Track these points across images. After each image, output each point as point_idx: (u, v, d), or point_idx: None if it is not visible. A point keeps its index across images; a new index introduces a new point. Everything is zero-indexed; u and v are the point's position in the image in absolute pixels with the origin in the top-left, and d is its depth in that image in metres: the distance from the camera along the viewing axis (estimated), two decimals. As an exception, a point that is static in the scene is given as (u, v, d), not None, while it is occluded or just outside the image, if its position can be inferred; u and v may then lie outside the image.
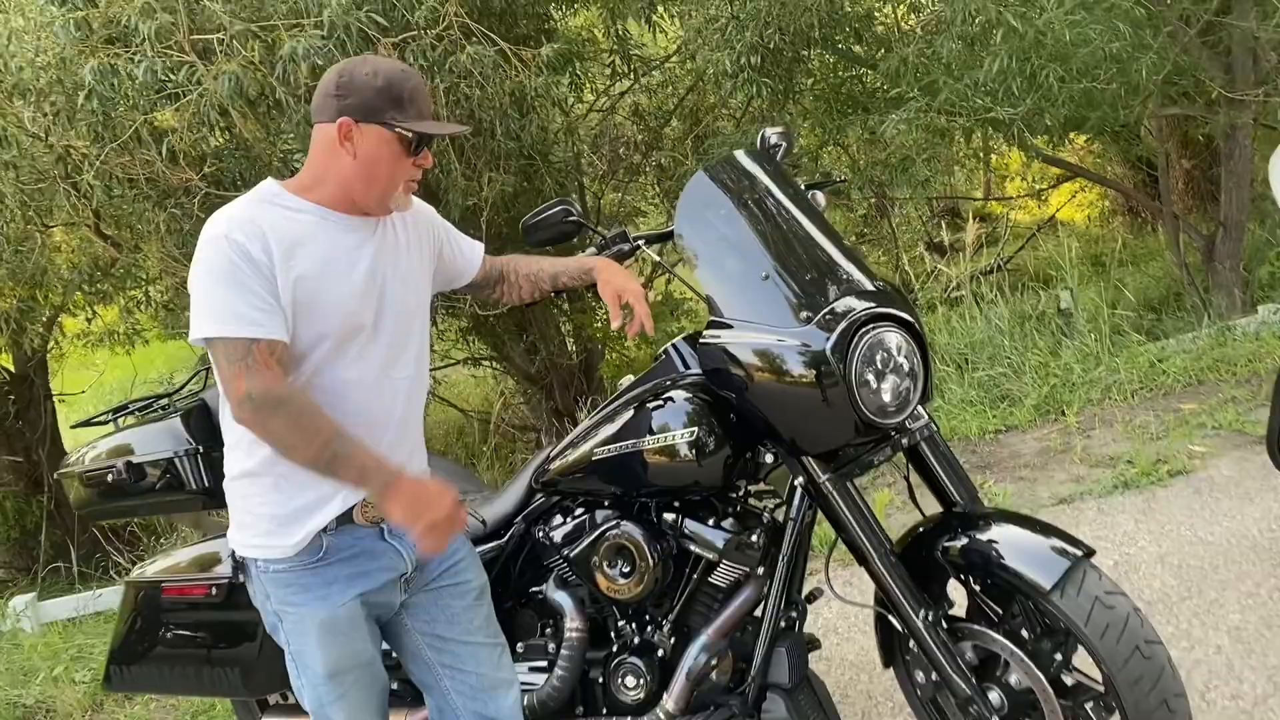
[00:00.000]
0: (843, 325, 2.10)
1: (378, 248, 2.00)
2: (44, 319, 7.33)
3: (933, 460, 2.34)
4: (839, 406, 2.11)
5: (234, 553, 2.04)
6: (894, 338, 2.15)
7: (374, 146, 1.92)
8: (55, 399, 8.37)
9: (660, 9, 6.67)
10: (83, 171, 4.11)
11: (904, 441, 2.28)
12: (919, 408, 2.27)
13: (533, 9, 6.51)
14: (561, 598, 2.49)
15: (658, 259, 2.56)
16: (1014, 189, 12.39)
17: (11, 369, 8.06)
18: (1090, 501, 3.98)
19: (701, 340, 2.25)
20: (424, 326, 2.13)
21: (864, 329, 2.12)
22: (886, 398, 2.14)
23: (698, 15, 6.33)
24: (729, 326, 2.22)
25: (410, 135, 1.91)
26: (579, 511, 2.49)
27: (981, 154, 8.63)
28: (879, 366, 2.13)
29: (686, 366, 2.38)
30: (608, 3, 6.75)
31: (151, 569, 2.77)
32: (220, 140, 4.36)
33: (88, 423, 2.88)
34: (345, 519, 1.97)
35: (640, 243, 2.45)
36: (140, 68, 3.71)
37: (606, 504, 2.45)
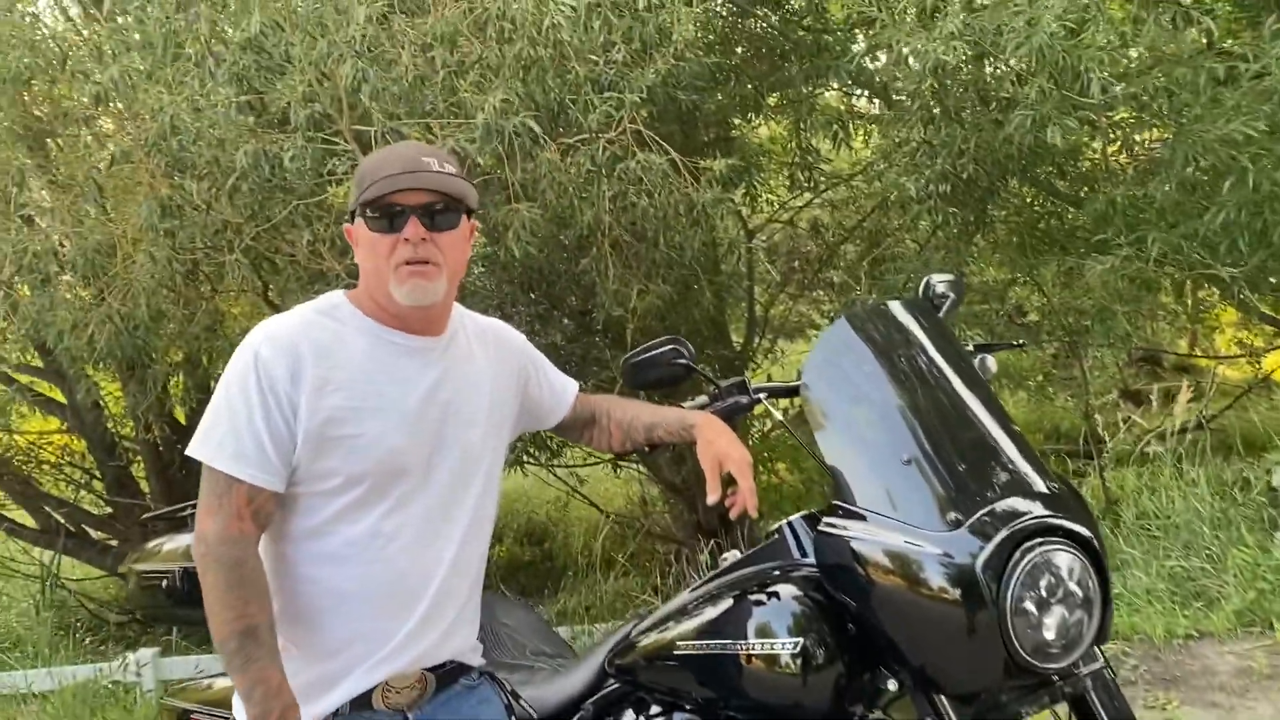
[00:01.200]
0: (1001, 535, 1.68)
1: (441, 376, 1.72)
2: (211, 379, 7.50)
3: (1104, 715, 1.84)
4: (987, 639, 1.67)
5: None
6: (1066, 558, 1.71)
7: (358, 240, 1.70)
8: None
9: (849, 126, 6.41)
10: (233, 249, 4.07)
11: (1068, 689, 1.80)
12: (1093, 648, 1.80)
13: (716, 117, 6.35)
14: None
15: (780, 417, 2.19)
16: (1224, 343, 11.36)
17: (184, 422, 8.28)
18: (1303, 748, 3.28)
19: (820, 528, 1.86)
20: (493, 469, 1.82)
21: (1029, 543, 1.69)
22: (1050, 634, 1.70)
23: (888, 137, 6.01)
24: (858, 515, 1.83)
25: (360, 212, 1.66)
26: (655, 710, 2.09)
27: (1191, 308, 7.89)
28: (1043, 593, 1.70)
29: (802, 553, 1.98)
30: (795, 116, 6.53)
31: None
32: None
33: (159, 516, 2.70)
34: (363, 702, 1.66)
35: (762, 396, 2.09)
36: (288, 155, 3.65)
37: (688, 708, 2.05)
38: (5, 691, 5.39)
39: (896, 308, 2.09)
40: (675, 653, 1.98)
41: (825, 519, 1.86)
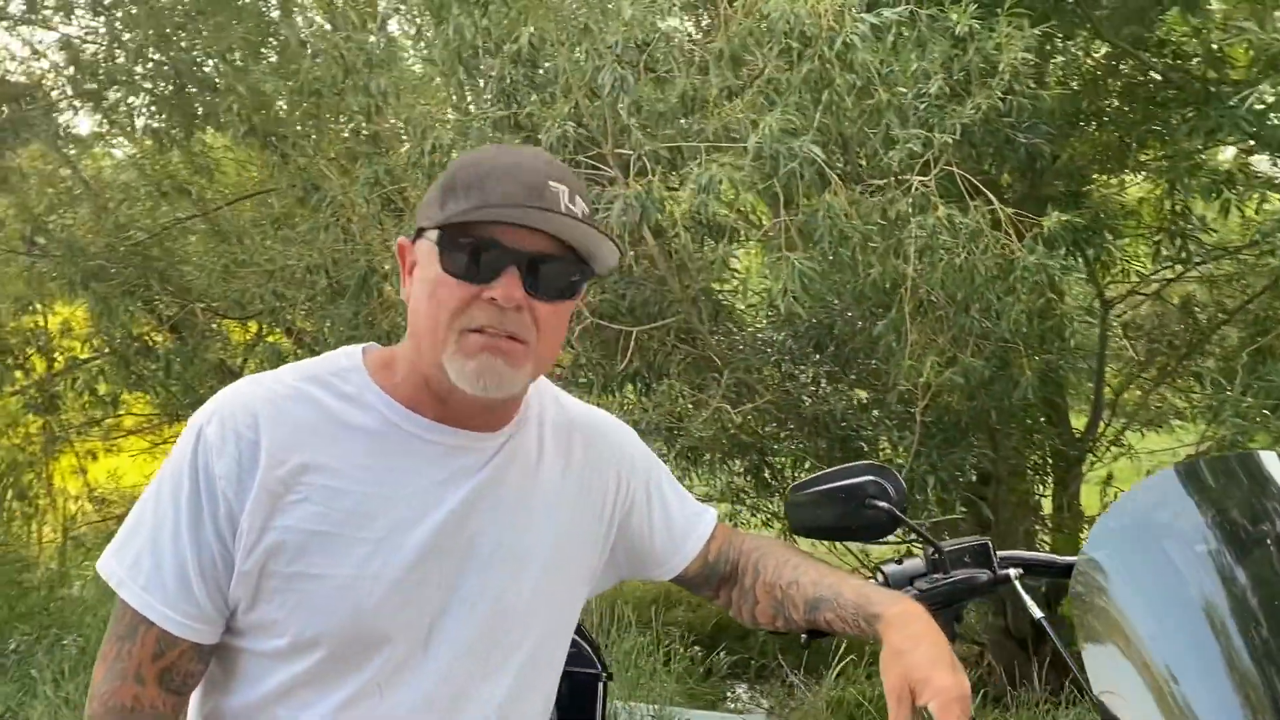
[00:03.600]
0: None
1: (478, 493, 1.15)
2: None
3: None
4: None
5: None
6: None
7: (417, 273, 1.12)
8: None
9: (1241, 189, 5.23)
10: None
11: None
12: None
13: (1069, 168, 5.44)
14: None
15: (1040, 614, 1.36)
16: None
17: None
18: None
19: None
20: (556, 632, 1.25)
21: None
22: None
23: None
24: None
25: (436, 237, 1.08)
26: None
27: None
28: None
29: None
30: (1171, 174, 5.42)
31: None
32: (636, 268, 3.83)
33: None
34: None
35: (1013, 574, 1.33)
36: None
37: None
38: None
39: (1271, 461, 1.28)
40: None
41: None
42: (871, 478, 1.32)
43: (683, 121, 3.37)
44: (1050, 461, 6.23)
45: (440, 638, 1.12)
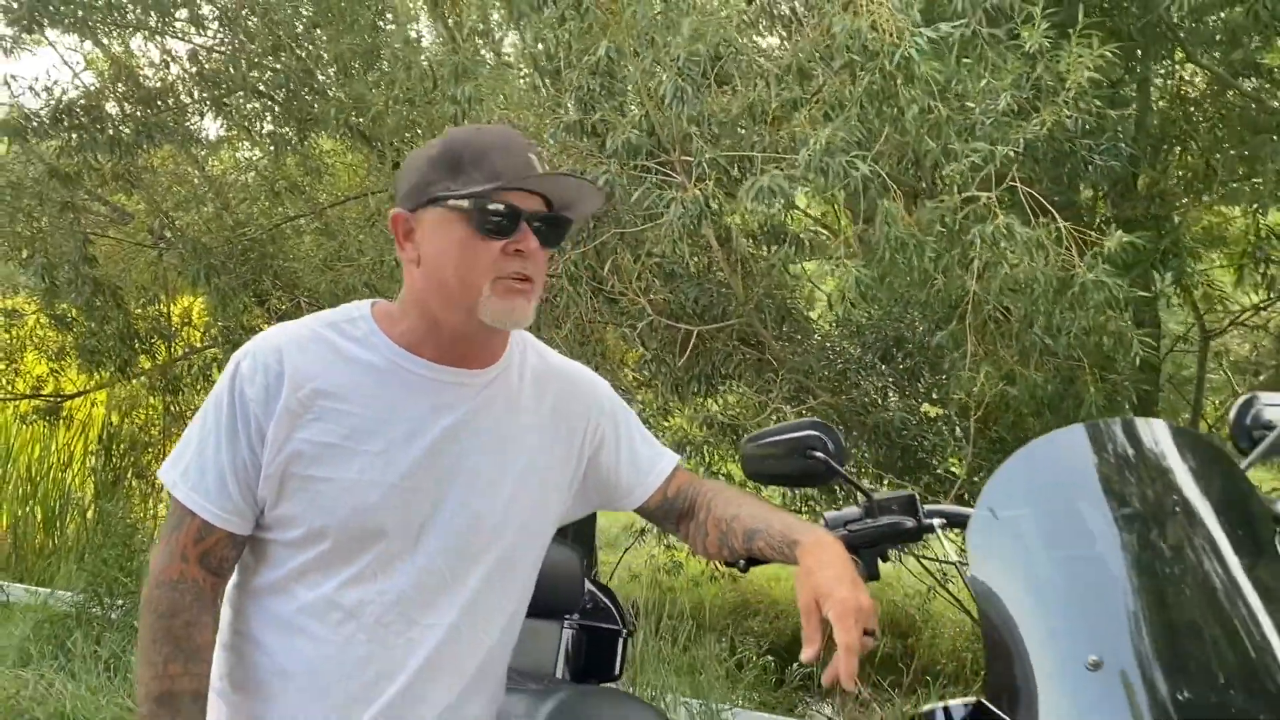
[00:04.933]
0: None
1: (464, 421, 1.38)
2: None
3: None
4: None
5: None
6: None
7: (435, 236, 1.34)
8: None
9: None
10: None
11: None
12: None
13: (1155, 190, 5.39)
14: None
15: (955, 559, 1.50)
16: None
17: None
18: None
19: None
20: (521, 552, 1.46)
21: None
22: None
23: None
24: (1008, 726, 1.21)
25: (469, 205, 1.30)
26: None
27: None
28: None
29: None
30: (1260, 199, 5.31)
31: None
32: (694, 267, 4.01)
33: None
34: None
35: (936, 523, 1.48)
36: (597, 180, 3.50)
37: None
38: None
39: (1164, 430, 1.40)
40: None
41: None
42: (814, 432, 1.49)
43: (741, 131, 3.53)
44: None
45: (427, 537, 1.36)
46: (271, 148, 5.80)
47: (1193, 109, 5.44)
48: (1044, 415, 4.67)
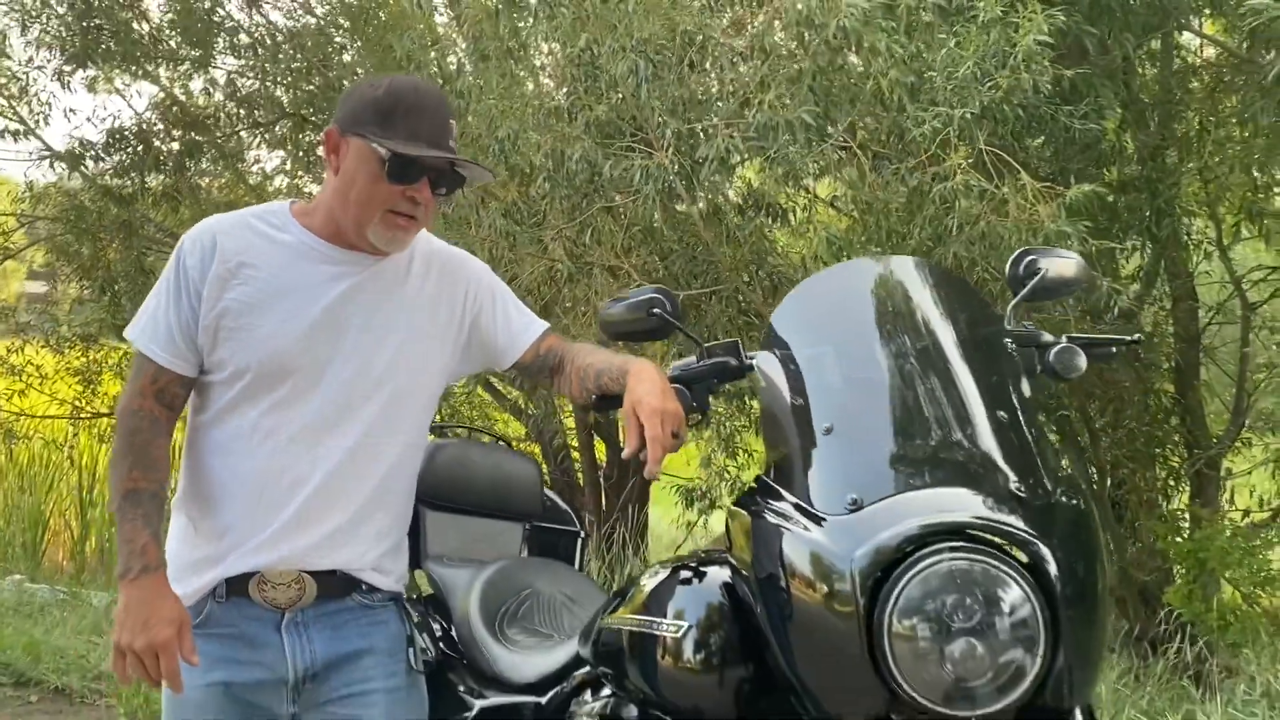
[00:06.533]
0: (891, 534, 1.30)
1: (355, 288, 1.74)
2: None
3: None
4: (854, 660, 1.30)
5: None
6: (993, 578, 1.29)
7: (353, 162, 1.69)
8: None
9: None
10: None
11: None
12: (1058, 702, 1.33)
13: (1143, 152, 5.47)
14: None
15: (788, 398, 1.77)
16: None
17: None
18: None
19: (730, 508, 1.57)
20: (411, 393, 1.79)
21: (931, 547, 1.29)
22: (952, 671, 1.28)
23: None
24: (774, 492, 1.50)
25: (385, 154, 1.64)
26: (605, 692, 1.87)
27: None
28: (942, 617, 1.28)
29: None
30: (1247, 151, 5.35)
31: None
32: (669, 237, 4.32)
33: None
34: (240, 588, 1.70)
35: (756, 363, 1.77)
36: (573, 157, 3.84)
37: (620, 694, 1.80)
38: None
39: (909, 266, 1.68)
40: (601, 627, 1.76)
41: (738, 499, 1.55)
42: (656, 295, 1.79)
43: (715, 112, 3.84)
44: (1179, 465, 5.96)
45: (327, 378, 1.72)
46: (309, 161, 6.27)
47: (1190, 76, 5.52)
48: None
